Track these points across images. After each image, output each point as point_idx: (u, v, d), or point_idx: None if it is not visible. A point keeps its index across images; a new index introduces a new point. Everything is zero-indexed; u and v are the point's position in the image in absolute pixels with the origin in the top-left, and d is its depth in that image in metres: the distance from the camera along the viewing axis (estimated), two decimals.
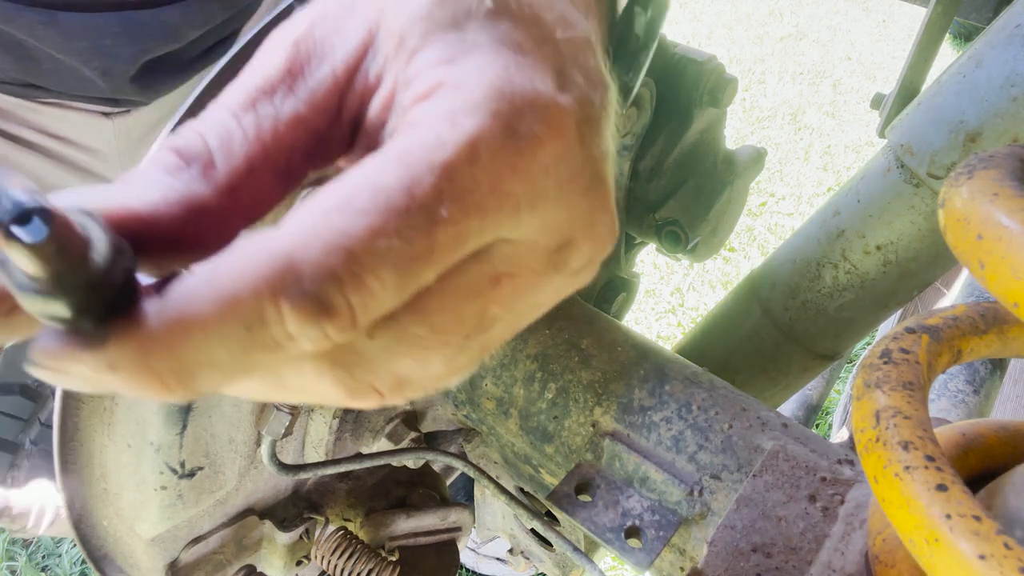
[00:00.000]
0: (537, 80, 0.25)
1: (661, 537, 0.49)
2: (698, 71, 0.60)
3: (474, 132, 0.23)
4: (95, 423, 0.46)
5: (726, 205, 0.70)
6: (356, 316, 0.22)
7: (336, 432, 0.56)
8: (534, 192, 0.25)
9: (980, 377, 1.00)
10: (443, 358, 0.26)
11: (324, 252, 0.21)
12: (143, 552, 0.51)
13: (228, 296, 0.21)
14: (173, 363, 0.21)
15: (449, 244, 0.23)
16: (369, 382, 0.26)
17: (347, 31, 0.27)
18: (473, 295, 0.26)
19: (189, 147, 0.24)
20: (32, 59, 0.82)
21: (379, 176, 0.22)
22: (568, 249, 0.27)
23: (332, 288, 0.21)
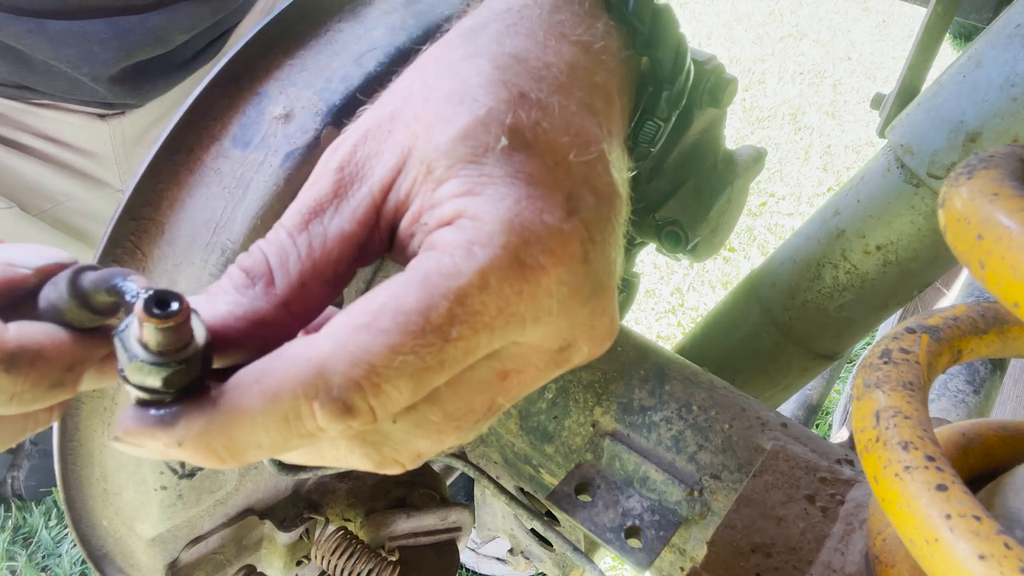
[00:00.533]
0: (545, 211, 0.29)
1: (661, 537, 0.49)
2: (698, 71, 0.60)
3: (486, 263, 0.27)
4: (95, 423, 0.46)
5: (726, 205, 0.70)
6: (376, 414, 0.26)
7: None
8: (538, 310, 0.29)
9: (980, 377, 1.00)
10: (456, 437, 0.31)
11: (350, 365, 0.25)
12: (143, 552, 0.51)
13: (271, 395, 0.25)
14: (227, 443, 0.26)
15: (458, 357, 0.27)
16: (393, 457, 0.30)
17: (384, 154, 0.31)
18: (483, 388, 0.30)
19: (254, 267, 0.29)
20: (25, 63, 0.82)
21: (402, 298, 0.26)
22: (570, 350, 0.31)
23: (355, 395, 0.26)
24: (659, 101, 0.40)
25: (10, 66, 0.82)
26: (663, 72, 0.40)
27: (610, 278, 0.32)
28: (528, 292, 0.28)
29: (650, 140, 0.42)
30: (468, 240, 0.27)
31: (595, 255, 0.30)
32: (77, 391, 0.29)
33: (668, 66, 0.39)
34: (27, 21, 0.77)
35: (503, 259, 0.27)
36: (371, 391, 0.26)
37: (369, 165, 0.31)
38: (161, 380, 0.24)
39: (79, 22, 0.79)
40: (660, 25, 0.38)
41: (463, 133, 0.30)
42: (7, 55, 0.80)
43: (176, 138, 0.40)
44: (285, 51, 0.42)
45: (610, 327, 0.32)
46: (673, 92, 0.41)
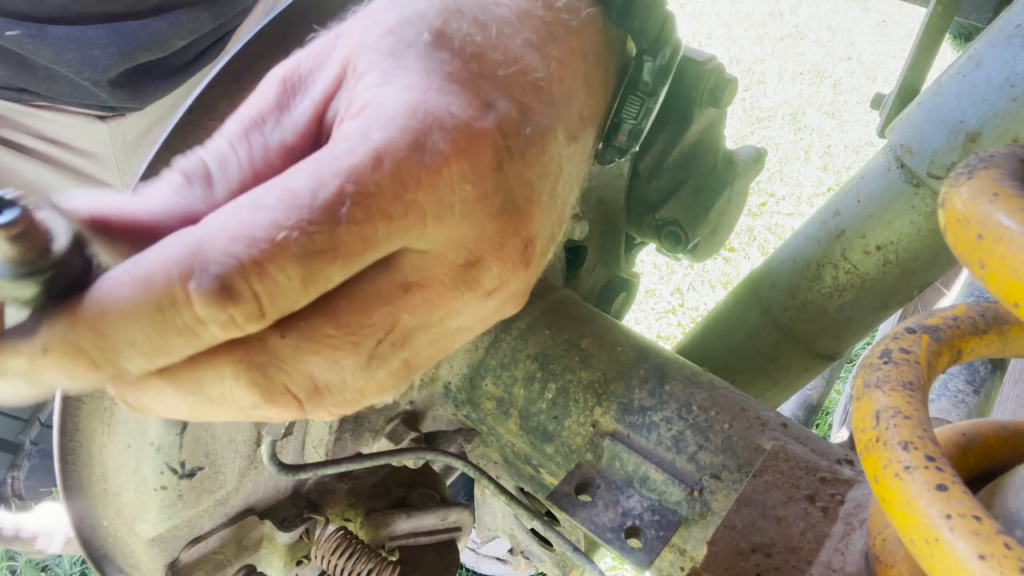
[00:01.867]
0: (455, 104, 0.28)
1: (661, 537, 0.49)
2: (698, 71, 0.60)
3: (380, 143, 0.26)
4: (95, 423, 0.46)
5: (726, 205, 0.70)
6: (261, 304, 0.24)
7: (336, 432, 0.56)
8: (440, 205, 0.27)
9: (980, 377, 1.00)
10: (355, 363, 0.28)
11: (229, 240, 0.23)
12: (143, 552, 0.51)
13: (143, 280, 0.23)
14: (96, 342, 0.23)
15: (353, 244, 0.25)
16: (283, 383, 0.27)
17: (327, 66, 0.30)
18: (382, 299, 0.27)
19: (193, 169, 0.27)
20: (27, 67, 0.82)
21: (290, 179, 0.25)
22: (478, 267, 0.29)
23: (236, 274, 0.23)
24: (641, 73, 0.39)
25: (11, 70, 0.82)
26: (645, 43, 0.38)
27: (529, 202, 0.30)
28: (428, 181, 0.26)
29: (635, 117, 0.41)
30: (366, 125, 0.26)
31: (511, 168, 0.29)
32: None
33: (651, 37, 0.38)
34: (28, 26, 0.77)
35: (400, 140, 0.26)
36: (253, 271, 0.23)
37: (312, 78, 0.30)
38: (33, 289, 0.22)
39: (79, 27, 0.79)
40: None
41: (388, 29, 0.29)
42: (8, 59, 0.81)
43: (176, 138, 0.40)
44: (285, 51, 0.42)
45: (522, 253, 0.30)
46: (657, 64, 0.39)
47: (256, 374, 0.26)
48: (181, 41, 0.88)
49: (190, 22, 0.87)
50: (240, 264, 0.23)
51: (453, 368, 0.60)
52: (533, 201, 0.30)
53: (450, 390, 0.61)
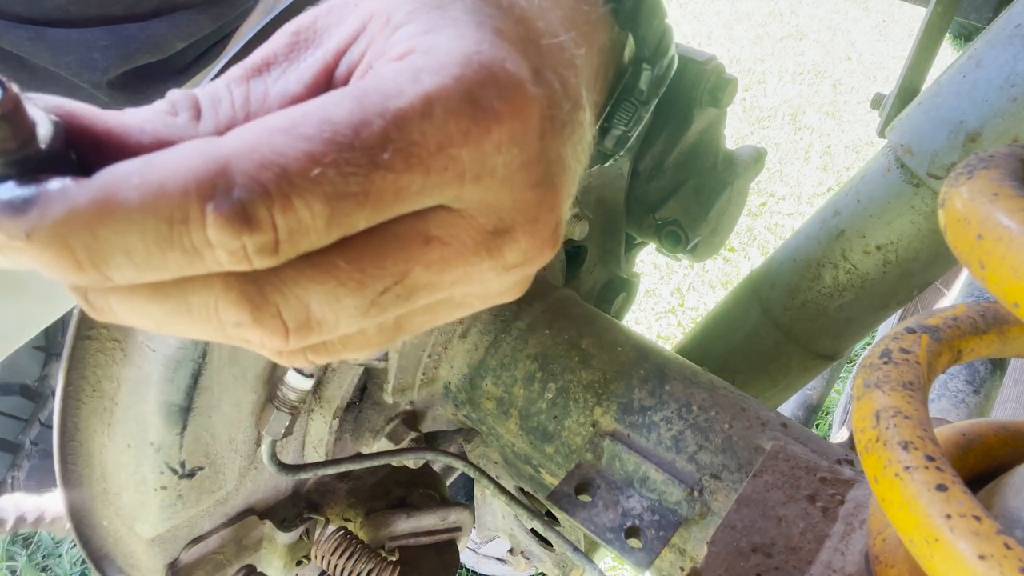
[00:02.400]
0: (510, 61, 0.26)
1: (661, 537, 0.49)
2: (698, 71, 0.60)
3: (433, 89, 0.24)
4: (95, 423, 0.46)
5: (726, 205, 0.70)
6: (279, 239, 0.22)
7: (336, 432, 0.56)
8: (482, 165, 0.25)
9: (980, 377, 1.00)
10: (355, 305, 0.26)
11: (259, 165, 0.21)
12: (143, 552, 0.51)
13: (156, 187, 0.21)
14: (89, 241, 0.21)
15: (387, 193, 0.23)
16: (276, 305, 0.25)
17: (345, 22, 0.28)
18: (400, 245, 0.25)
19: (182, 100, 0.26)
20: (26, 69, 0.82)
21: (331, 108, 0.23)
22: (505, 237, 0.27)
23: (259, 201, 0.21)
24: (638, 80, 0.39)
25: (10, 72, 0.82)
26: (645, 51, 0.38)
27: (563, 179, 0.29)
28: (475, 136, 0.24)
29: (626, 123, 0.40)
30: (417, 68, 0.24)
31: (552, 139, 0.27)
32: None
33: (651, 46, 0.38)
34: (27, 29, 0.77)
35: (454, 89, 0.24)
36: (279, 202, 0.21)
37: (328, 32, 0.28)
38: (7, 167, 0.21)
39: (78, 30, 0.79)
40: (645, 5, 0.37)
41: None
42: (7, 60, 0.81)
43: None
44: None
45: (555, 231, 0.29)
46: (654, 74, 0.39)
47: (251, 288, 0.24)
48: (180, 43, 0.88)
49: (190, 24, 0.87)
50: (267, 193, 0.21)
51: (453, 368, 0.60)
52: (566, 179, 0.29)
53: (450, 390, 0.61)
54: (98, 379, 0.44)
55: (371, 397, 0.58)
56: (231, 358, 0.47)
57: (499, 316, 0.60)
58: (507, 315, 0.60)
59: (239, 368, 0.48)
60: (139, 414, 0.46)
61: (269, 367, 0.49)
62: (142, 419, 0.46)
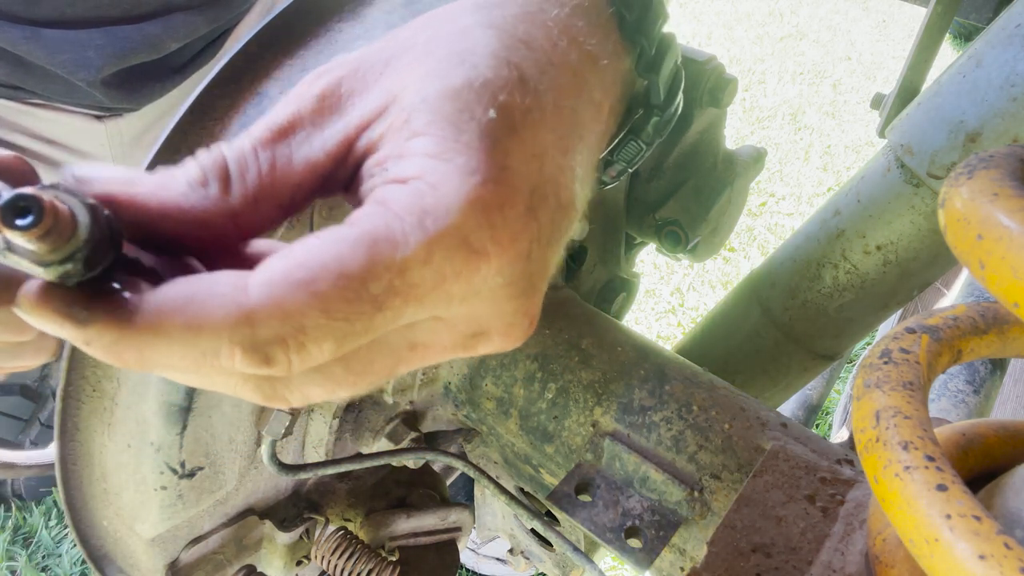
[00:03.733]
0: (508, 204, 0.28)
1: (661, 537, 0.49)
2: (698, 71, 0.60)
3: (434, 237, 0.26)
4: (95, 423, 0.46)
5: (726, 205, 0.70)
6: (292, 368, 0.26)
7: (336, 432, 0.56)
8: (469, 293, 0.28)
9: (980, 377, 1.00)
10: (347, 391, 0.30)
11: (281, 321, 0.25)
12: (143, 552, 0.51)
13: (195, 329, 0.25)
14: (137, 358, 0.25)
15: (385, 326, 0.27)
16: (284, 395, 0.30)
17: (369, 94, 0.30)
18: (389, 353, 0.30)
19: (213, 168, 0.28)
20: (23, 66, 0.82)
21: (346, 262, 0.26)
22: (481, 338, 0.31)
23: (279, 348, 0.26)
24: (647, 125, 0.40)
25: (8, 68, 0.82)
26: (657, 98, 0.39)
27: (543, 282, 0.32)
28: (466, 275, 0.27)
29: (629, 160, 0.42)
30: (423, 209, 0.27)
31: (538, 255, 0.30)
32: None
33: (664, 93, 0.39)
34: (23, 28, 0.77)
35: (451, 237, 0.27)
36: (295, 347, 0.26)
37: (352, 101, 0.30)
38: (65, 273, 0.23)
39: (74, 31, 0.79)
40: (664, 51, 0.38)
41: (453, 93, 0.29)
42: (5, 57, 0.81)
43: (176, 138, 0.40)
44: (285, 51, 0.42)
45: (526, 329, 0.32)
46: (662, 119, 0.40)
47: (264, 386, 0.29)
48: (175, 44, 0.88)
49: (185, 26, 0.87)
50: (285, 343, 0.25)
51: (453, 368, 0.60)
52: (545, 279, 0.32)
53: (450, 390, 0.61)
54: (98, 379, 0.44)
55: (371, 397, 0.58)
56: None
57: None
58: None
59: None
60: (139, 414, 0.46)
61: None
62: (142, 419, 0.46)
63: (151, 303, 0.25)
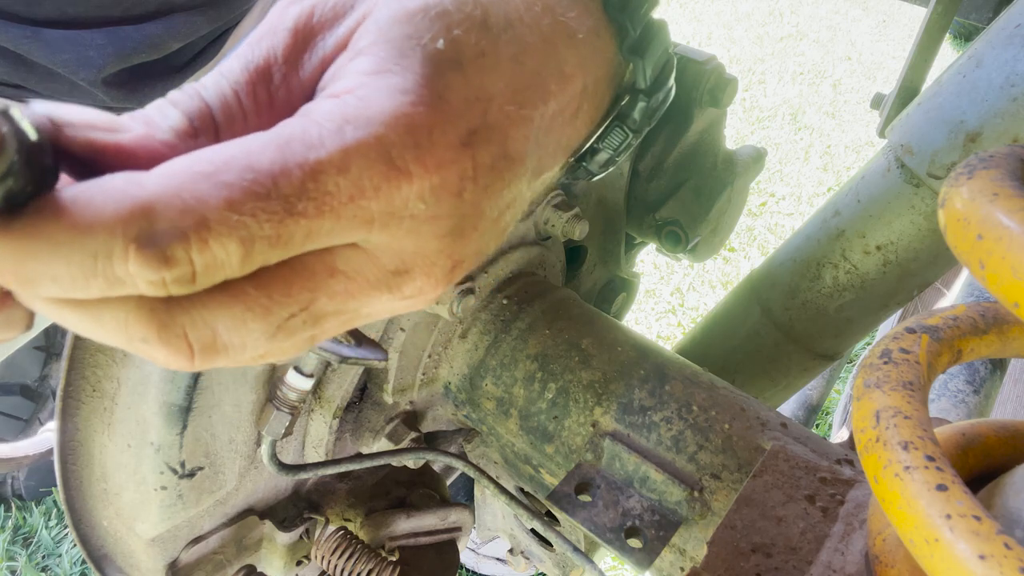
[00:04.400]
0: (438, 128, 0.27)
1: (661, 537, 0.49)
2: (698, 71, 0.60)
3: (352, 144, 0.25)
4: (95, 423, 0.46)
5: (726, 205, 0.70)
6: (196, 274, 0.24)
7: (336, 432, 0.56)
8: (389, 216, 0.27)
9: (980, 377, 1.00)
10: (262, 329, 0.27)
11: (180, 211, 0.23)
12: (143, 552, 0.51)
13: (85, 227, 0.22)
14: (16, 269, 0.23)
15: (297, 236, 0.25)
16: (183, 327, 0.26)
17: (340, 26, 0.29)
18: (308, 276, 0.27)
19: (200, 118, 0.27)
20: (25, 65, 0.83)
21: (255, 155, 0.24)
22: (404, 277, 0.30)
23: (179, 245, 0.23)
24: (633, 111, 0.39)
25: (9, 67, 0.82)
26: (643, 83, 0.39)
27: (473, 228, 0.30)
28: (386, 192, 0.26)
29: (615, 148, 0.41)
30: (344, 117, 0.26)
31: (471, 197, 0.29)
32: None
33: (650, 78, 0.39)
34: (24, 28, 0.77)
35: (371, 147, 0.26)
36: (197, 245, 0.23)
37: (324, 36, 0.29)
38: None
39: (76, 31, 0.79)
40: (650, 35, 0.37)
41: (406, 17, 0.28)
42: (6, 55, 0.81)
43: None
44: None
45: (448, 273, 0.31)
46: (649, 106, 0.39)
47: (160, 309, 0.25)
48: (177, 44, 0.88)
49: (186, 26, 0.87)
50: (186, 236, 0.23)
51: (453, 368, 0.60)
52: (477, 228, 0.31)
53: (450, 390, 0.61)
54: (98, 379, 0.44)
55: (371, 397, 0.58)
56: None
57: (499, 316, 0.60)
58: (507, 315, 0.60)
59: (239, 368, 0.48)
60: (139, 414, 0.46)
61: (269, 367, 0.49)
62: (142, 419, 0.46)
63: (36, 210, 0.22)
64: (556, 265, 0.68)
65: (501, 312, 0.60)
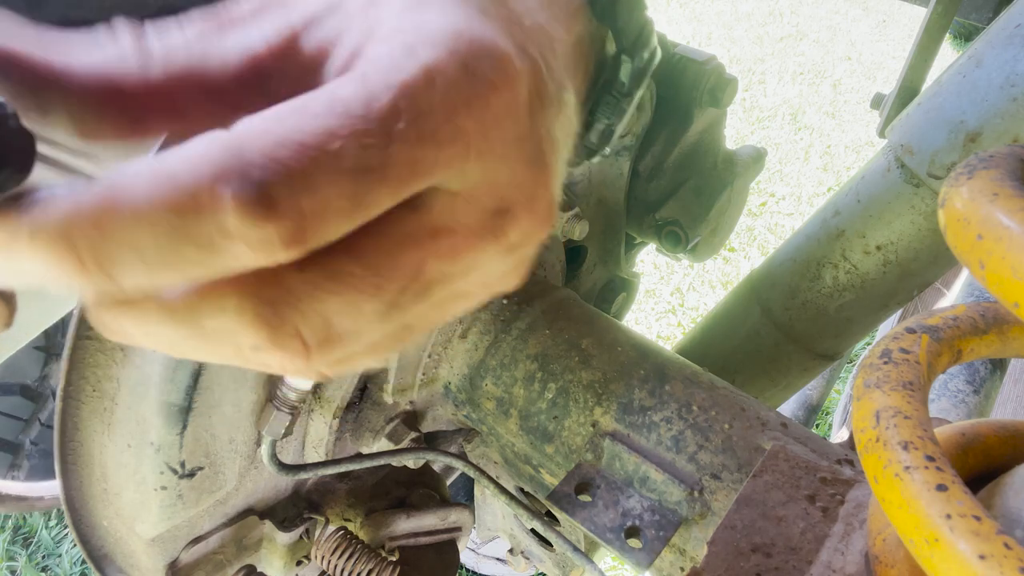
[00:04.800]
0: (498, 36, 0.26)
1: (661, 537, 0.49)
2: (698, 71, 0.60)
3: (431, 61, 0.24)
4: (95, 423, 0.46)
5: (726, 205, 0.70)
6: (305, 223, 0.21)
7: (336, 432, 0.56)
8: (484, 138, 0.25)
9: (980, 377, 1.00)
10: (375, 310, 0.25)
11: (275, 144, 0.20)
12: (143, 552, 0.51)
13: (166, 176, 0.20)
14: (96, 238, 0.20)
15: (404, 167, 0.23)
16: (295, 325, 0.24)
17: None
18: (410, 241, 0.25)
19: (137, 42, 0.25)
20: None
21: (336, 89, 0.22)
22: (507, 217, 0.27)
23: (281, 183, 0.20)
24: (618, 73, 0.38)
25: None
26: (625, 43, 0.38)
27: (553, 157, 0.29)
28: (477, 107, 0.25)
29: (608, 115, 0.39)
30: (409, 45, 0.24)
31: (540, 116, 0.28)
32: None
33: (631, 38, 0.38)
34: None
35: (450, 61, 0.24)
36: (302, 182, 0.20)
37: None
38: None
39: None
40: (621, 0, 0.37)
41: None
42: None
43: None
44: None
45: (550, 207, 0.29)
46: (634, 66, 0.38)
47: (266, 309, 0.23)
48: None
49: None
50: (288, 171, 0.20)
51: (453, 368, 0.60)
52: (555, 157, 0.29)
53: (450, 390, 0.61)
54: (98, 379, 0.44)
55: (371, 397, 0.58)
56: None
57: (499, 316, 0.60)
58: (507, 315, 0.60)
59: (239, 368, 0.48)
60: (139, 414, 0.46)
61: None
62: (142, 419, 0.46)
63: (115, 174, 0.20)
64: (556, 265, 0.68)
65: (501, 312, 0.60)
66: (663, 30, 0.62)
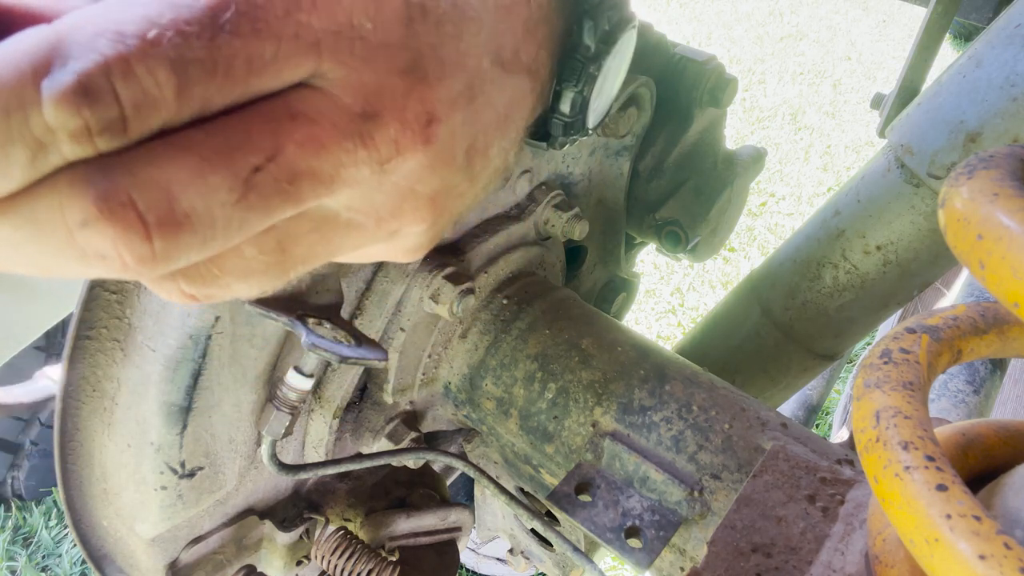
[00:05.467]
0: None
1: (661, 537, 0.49)
2: (698, 71, 0.60)
3: None
4: (95, 423, 0.46)
5: (726, 205, 0.70)
6: (124, 111, 0.20)
7: (336, 432, 0.56)
8: (337, 38, 0.24)
9: (980, 377, 1.00)
10: (227, 184, 0.23)
11: (93, 34, 0.20)
12: (143, 552, 0.51)
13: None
14: None
15: (237, 61, 0.22)
16: (128, 191, 0.21)
17: None
18: (265, 118, 0.24)
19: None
20: None
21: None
22: (375, 121, 0.26)
23: (97, 71, 0.19)
24: (582, 36, 0.37)
25: None
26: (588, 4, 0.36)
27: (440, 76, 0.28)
28: (324, 4, 0.23)
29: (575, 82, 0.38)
30: None
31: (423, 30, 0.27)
32: None
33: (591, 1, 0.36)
34: None
35: None
36: (118, 68, 0.20)
37: None
38: None
39: None
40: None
41: None
42: None
43: None
44: None
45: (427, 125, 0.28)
46: (599, 29, 0.37)
47: (96, 174, 0.21)
48: None
49: None
50: (104, 59, 0.20)
51: (453, 368, 0.60)
52: (445, 78, 0.28)
53: (450, 390, 0.61)
54: (98, 379, 0.44)
55: (371, 397, 0.58)
56: (231, 358, 0.47)
57: (499, 316, 0.60)
58: (507, 315, 0.60)
59: (239, 368, 0.48)
60: (139, 414, 0.46)
61: (269, 367, 0.49)
62: (142, 419, 0.46)
63: None
64: (556, 265, 0.68)
65: (501, 312, 0.60)
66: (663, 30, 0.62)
